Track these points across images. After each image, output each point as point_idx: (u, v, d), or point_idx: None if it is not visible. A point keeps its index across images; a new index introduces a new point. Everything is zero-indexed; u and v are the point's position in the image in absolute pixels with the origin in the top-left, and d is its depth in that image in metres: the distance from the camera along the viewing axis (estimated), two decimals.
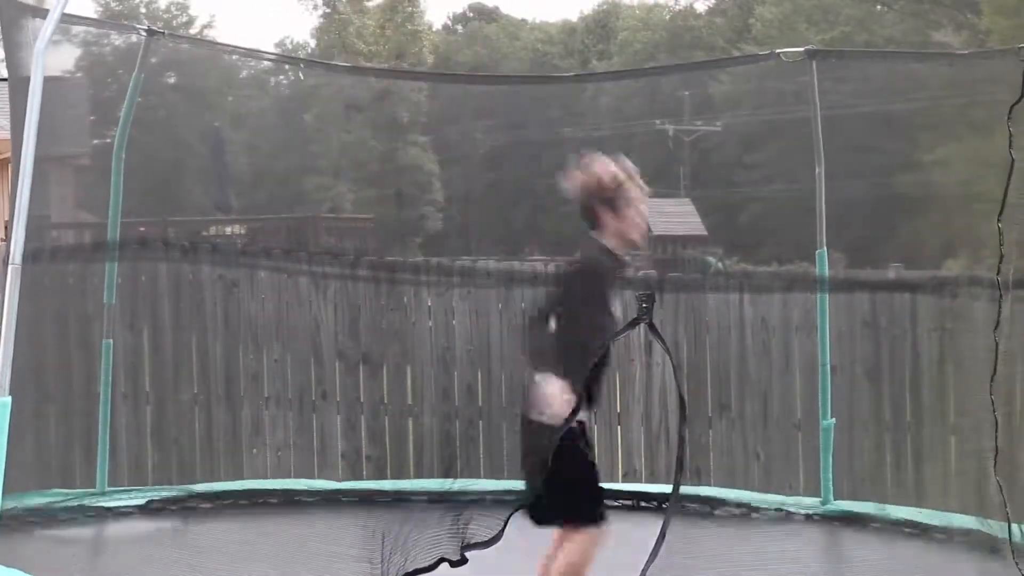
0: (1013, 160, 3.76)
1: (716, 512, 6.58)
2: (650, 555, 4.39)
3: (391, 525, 4.49)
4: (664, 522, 4.43)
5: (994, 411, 3.98)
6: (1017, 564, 4.30)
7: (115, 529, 6.24)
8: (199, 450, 7.71)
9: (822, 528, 6.37)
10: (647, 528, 4.60)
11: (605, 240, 4.70)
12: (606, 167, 4.75)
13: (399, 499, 6.68)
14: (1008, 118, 3.84)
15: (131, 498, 6.58)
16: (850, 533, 6.25)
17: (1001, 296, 4.01)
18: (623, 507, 6.50)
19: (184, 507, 6.55)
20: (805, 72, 6.47)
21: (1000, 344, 4.00)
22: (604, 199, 4.68)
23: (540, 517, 4.60)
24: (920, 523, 6.11)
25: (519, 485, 5.51)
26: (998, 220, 3.82)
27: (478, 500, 6.23)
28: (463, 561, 4.26)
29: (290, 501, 6.80)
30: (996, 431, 3.98)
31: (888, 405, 7.39)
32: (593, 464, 4.77)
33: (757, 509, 6.60)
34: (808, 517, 6.50)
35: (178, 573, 5.09)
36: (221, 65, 48.75)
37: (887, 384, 7.39)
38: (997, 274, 4.01)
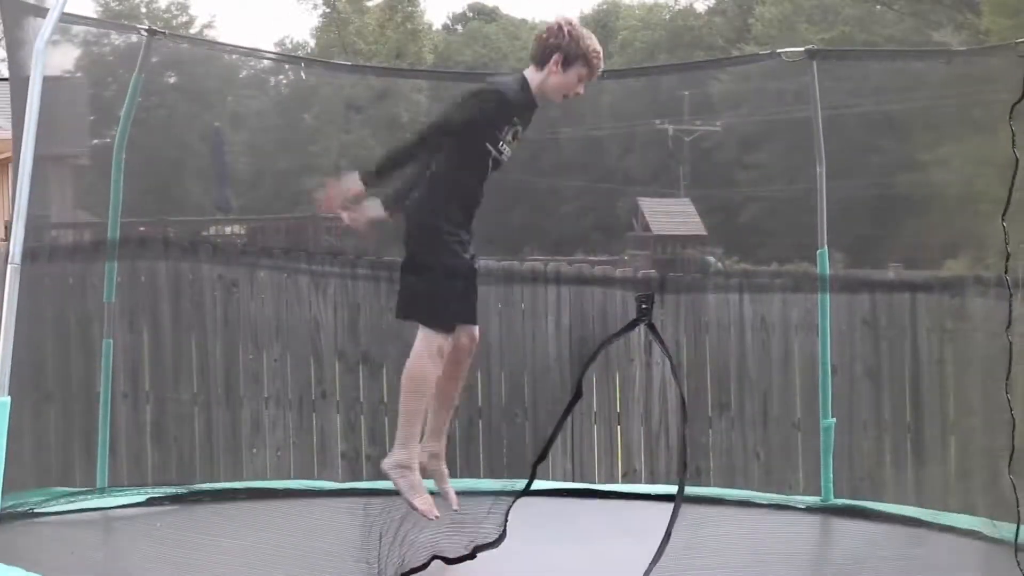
0: (1017, 159, 3.75)
1: (717, 511, 6.57)
2: (654, 556, 4.39)
3: (389, 523, 4.49)
4: (669, 523, 4.43)
5: (1011, 410, 3.97)
6: (1019, 564, 4.29)
7: (115, 528, 6.23)
8: (199, 450, 7.72)
9: (822, 526, 6.36)
10: (648, 529, 4.59)
11: (533, 79, 4.96)
12: (588, 33, 5.04)
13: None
14: (1010, 117, 3.84)
15: (131, 496, 6.56)
16: (850, 531, 6.24)
17: (1011, 295, 4.00)
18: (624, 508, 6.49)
19: (184, 506, 6.54)
20: (805, 72, 6.45)
21: (1013, 343, 3.99)
22: (565, 50, 4.92)
23: (399, 312, 4.85)
24: (921, 522, 6.11)
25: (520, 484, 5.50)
26: (1003, 219, 3.82)
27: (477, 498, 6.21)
28: (465, 558, 4.27)
29: (289, 501, 6.78)
30: (1013, 430, 3.97)
31: (888, 405, 7.40)
32: (462, 267, 4.90)
33: (757, 508, 6.59)
34: (808, 515, 6.48)
35: (177, 572, 5.08)
36: (221, 65, 48.76)
37: (887, 384, 7.39)
38: (1005, 273, 4.00)
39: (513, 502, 4.28)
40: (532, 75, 4.98)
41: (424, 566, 4.35)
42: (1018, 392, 5.82)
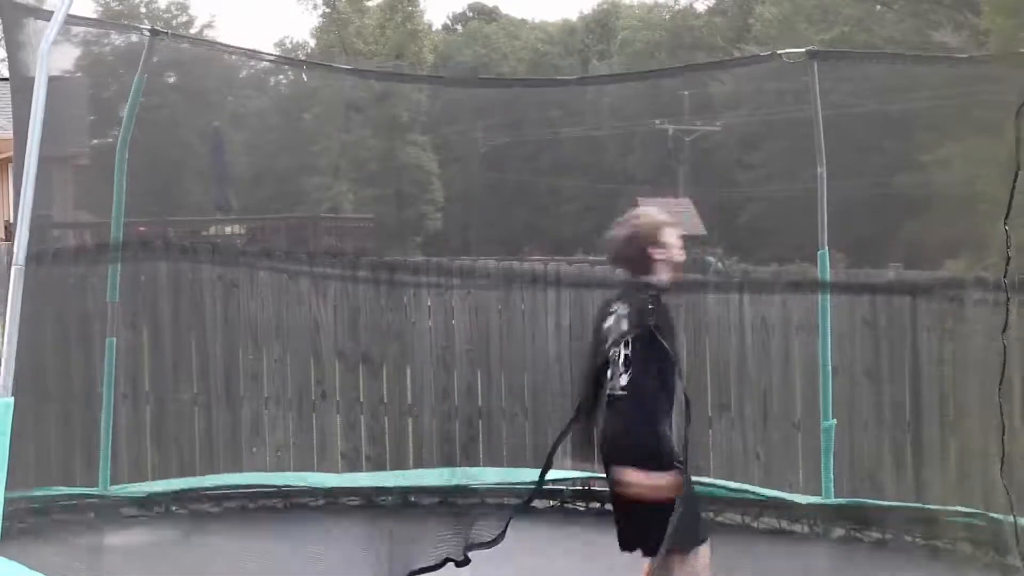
0: (1020, 163, 3.74)
1: (717, 510, 6.58)
2: (655, 556, 4.39)
3: (394, 526, 4.50)
4: (670, 523, 4.42)
5: (1002, 414, 3.96)
6: (1019, 565, 4.30)
7: (115, 527, 6.24)
8: (199, 449, 7.72)
9: (822, 526, 6.37)
10: None
11: (659, 278, 4.65)
12: (651, 216, 4.79)
13: (404, 503, 6.67)
14: (1017, 117, 3.82)
15: (131, 494, 6.57)
16: (850, 531, 6.25)
17: (1008, 299, 3.99)
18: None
19: (184, 504, 6.55)
20: (806, 72, 6.46)
21: (1008, 346, 3.99)
22: (654, 242, 4.66)
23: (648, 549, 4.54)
24: (920, 522, 6.11)
25: (517, 475, 5.48)
26: (1004, 222, 3.81)
27: (479, 503, 6.23)
28: (467, 561, 4.27)
29: (293, 500, 6.79)
30: (1003, 434, 3.96)
31: (888, 405, 7.40)
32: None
33: (757, 506, 6.59)
34: (808, 514, 6.49)
35: (176, 572, 5.09)
36: (221, 65, 48.73)
37: (887, 384, 7.39)
38: (1004, 276, 4.00)
39: (517, 511, 4.29)
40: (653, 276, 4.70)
41: (436, 567, 4.36)
42: (1015, 393, 5.82)
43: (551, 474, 5.27)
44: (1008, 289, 3.98)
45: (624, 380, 4.49)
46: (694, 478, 4.85)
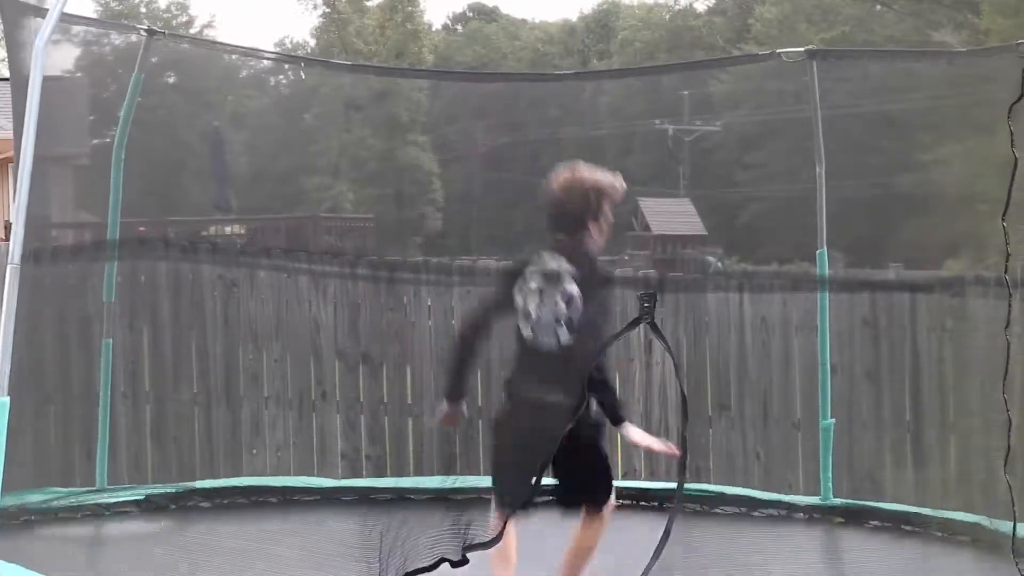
0: (1016, 159, 3.74)
1: (717, 510, 6.57)
2: (653, 555, 4.39)
3: (390, 524, 4.49)
4: (668, 522, 4.43)
5: (1007, 410, 3.96)
6: (1017, 564, 4.29)
7: (114, 527, 6.23)
8: (198, 449, 7.71)
9: (822, 526, 6.37)
10: (648, 528, 4.59)
11: (595, 243, 4.90)
12: (597, 176, 4.96)
13: (400, 498, 6.66)
14: (1008, 117, 3.83)
15: (130, 495, 6.57)
16: (850, 531, 6.24)
17: (1010, 295, 4.00)
18: (623, 506, 6.48)
19: (183, 505, 6.54)
20: (805, 72, 6.45)
21: (1011, 343, 3.99)
22: (593, 210, 4.87)
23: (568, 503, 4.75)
24: (920, 521, 6.11)
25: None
26: (1003, 219, 3.81)
27: (477, 499, 6.20)
28: (464, 561, 4.26)
29: (289, 500, 6.78)
30: (1009, 430, 3.97)
31: (888, 405, 7.40)
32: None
33: (757, 507, 6.59)
34: (808, 515, 6.49)
35: (176, 571, 5.09)
36: (221, 65, 48.75)
37: (887, 384, 7.39)
38: (1004, 273, 4.00)
39: (516, 508, 4.28)
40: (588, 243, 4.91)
41: (432, 567, 4.36)
42: (1016, 392, 5.82)
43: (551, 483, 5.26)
44: (1009, 285, 3.98)
45: (565, 336, 4.58)
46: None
